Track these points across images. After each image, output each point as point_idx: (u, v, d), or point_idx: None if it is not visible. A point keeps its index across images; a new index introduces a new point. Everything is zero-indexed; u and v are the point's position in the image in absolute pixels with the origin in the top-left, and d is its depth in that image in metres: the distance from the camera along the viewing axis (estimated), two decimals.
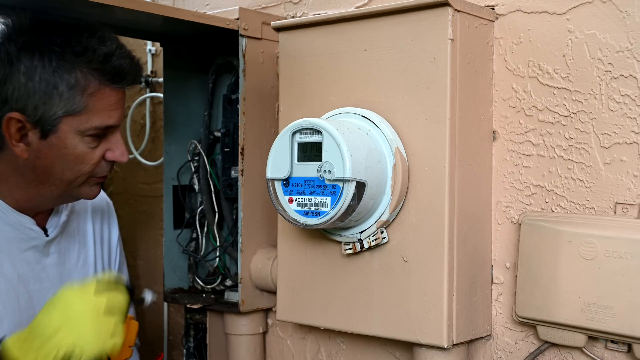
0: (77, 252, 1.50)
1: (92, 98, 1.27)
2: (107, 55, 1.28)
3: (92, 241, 1.54)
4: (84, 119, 1.28)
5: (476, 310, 1.31)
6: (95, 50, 1.27)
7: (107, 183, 2.24)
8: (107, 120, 1.30)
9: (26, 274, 1.38)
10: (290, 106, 1.43)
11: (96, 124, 1.29)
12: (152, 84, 2.06)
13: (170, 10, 1.42)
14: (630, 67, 1.20)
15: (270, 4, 1.71)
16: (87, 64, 1.27)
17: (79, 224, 1.52)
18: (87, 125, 1.28)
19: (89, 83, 1.27)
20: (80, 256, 1.50)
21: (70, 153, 1.29)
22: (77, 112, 1.27)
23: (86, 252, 1.52)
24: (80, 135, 1.29)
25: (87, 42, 1.27)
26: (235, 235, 1.63)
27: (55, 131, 1.27)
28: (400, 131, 1.27)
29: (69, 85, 1.25)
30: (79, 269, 1.49)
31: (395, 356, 1.48)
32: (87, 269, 1.51)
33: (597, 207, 1.23)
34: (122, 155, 1.35)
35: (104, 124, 1.30)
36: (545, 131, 1.29)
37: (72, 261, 1.48)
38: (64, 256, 1.46)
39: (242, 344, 1.65)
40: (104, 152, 1.33)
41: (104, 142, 1.32)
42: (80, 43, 1.27)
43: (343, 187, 1.19)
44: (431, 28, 1.23)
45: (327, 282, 1.37)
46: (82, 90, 1.26)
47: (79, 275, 1.48)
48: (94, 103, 1.28)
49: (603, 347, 1.23)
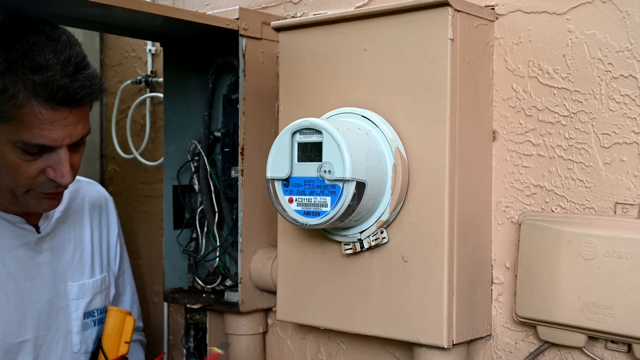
0: (72, 249, 1.50)
1: (22, 110, 1.18)
2: (41, 68, 1.16)
3: (90, 238, 1.54)
4: (13, 130, 1.19)
5: (476, 310, 1.31)
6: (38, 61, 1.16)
7: (107, 183, 2.24)
8: (39, 138, 1.20)
9: (16, 271, 1.38)
10: (290, 106, 1.43)
11: (25, 139, 1.19)
12: (152, 84, 2.06)
13: (170, 10, 1.42)
14: (630, 67, 1.20)
15: (270, 4, 1.71)
16: (23, 74, 1.16)
17: (74, 221, 1.52)
18: (16, 137, 1.19)
19: (18, 93, 1.16)
20: (75, 253, 1.50)
21: (1, 160, 1.23)
22: (5, 120, 1.18)
23: (82, 249, 1.52)
24: (11, 145, 1.21)
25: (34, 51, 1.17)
26: (235, 235, 1.63)
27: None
28: (400, 131, 1.27)
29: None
30: (74, 266, 1.49)
31: (395, 356, 1.48)
32: (83, 265, 1.51)
33: (597, 207, 1.23)
34: (62, 177, 1.24)
35: (33, 141, 1.20)
36: (545, 131, 1.29)
37: (67, 259, 1.48)
38: (58, 253, 1.46)
39: (242, 344, 1.65)
40: (44, 167, 1.24)
41: (43, 158, 1.23)
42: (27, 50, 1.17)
43: (343, 187, 1.19)
44: (431, 28, 1.23)
45: (327, 282, 1.37)
46: (10, 98, 1.16)
47: (74, 272, 1.48)
48: (24, 117, 1.18)
49: (603, 347, 1.23)
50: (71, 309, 1.47)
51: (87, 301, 1.49)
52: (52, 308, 1.44)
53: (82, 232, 1.53)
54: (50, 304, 1.43)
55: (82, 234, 1.53)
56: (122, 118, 2.15)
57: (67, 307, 1.46)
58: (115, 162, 2.22)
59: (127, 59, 2.16)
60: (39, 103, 1.18)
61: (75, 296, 1.47)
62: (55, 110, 1.19)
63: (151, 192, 2.10)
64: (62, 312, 1.46)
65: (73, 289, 1.47)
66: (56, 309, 1.44)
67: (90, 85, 1.22)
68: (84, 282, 1.50)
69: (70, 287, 1.47)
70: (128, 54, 2.16)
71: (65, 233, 1.49)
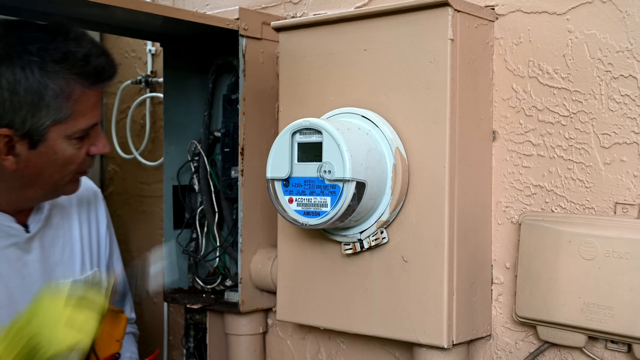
0: (61, 246, 1.49)
1: (78, 103, 1.27)
2: (86, 58, 1.27)
3: (79, 233, 1.53)
4: (72, 124, 1.28)
5: (476, 310, 1.31)
6: (75, 55, 1.26)
7: (107, 183, 2.24)
8: (92, 120, 1.31)
9: (6, 271, 1.37)
10: (290, 106, 1.43)
11: (83, 126, 1.29)
12: (152, 84, 2.06)
13: (170, 10, 1.42)
14: (630, 67, 1.20)
15: (270, 4, 1.71)
16: (69, 70, 1.25)
17: (62, 217, 1.51)
18: (75, 129, 1.28)
19: (74, 89, 1.26)
20: (65, 250, 1.49)
21: (60, 157, 1.30)
22: (64, 119, 1.27)
23: (72, 245, 1.51)
24: (67, 140, 1.29)
25: (64, 47, 1.25)
26: (235, 235, 1.63)
27: (44, 140, 1.27)
28: (400, 131, 1.27)
29: (54, 94, 1.24)
30: (64, 263, 1.48)
31: (395, 356, 1.48)
32: (74, 262, 1.51)
33: (597, 207, 1.23)
34: (105, 147, 1.36)
35: (89, 124, 1.31)
36: (545, 131, 1.29)
37: (57, 256, 1.47)
38: (48, 251, 1.45)
39: (242, 344, 1.65)
40: (88, 148, 1.34)
41: (86, 140, 1.33)
42: (58, 49, 1.25)
43: (343, 187, 1.19)
44: (431, 28, 1.23)
45: (327, 282, 1.37)
46: (67, 97, 1.25)
47: (64, 269, 1.48)
48: (79, 107, 1.28)
49: (603, 347, 1.23)
50: None
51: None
52: None
53: (71, 228, 1.52)
54: None
55: (71, 230, 1.52)
56: (122, 118, 2.15)
57: None
58: (115, 162, 2.22)
59: (127, 59, 2.16)
60: (89, 89, 1.28)
61: None
62: (98, 90, 1.32)
63: (151, 192, 2.10)
64: None
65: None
66: None
67: (112, 57, 1.33)
68: (74, 278, 1.49)
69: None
70: (128, 54, 2.16)
71: (54, 230, 1.48)
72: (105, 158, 2.26)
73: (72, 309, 1.20)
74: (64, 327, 1.19)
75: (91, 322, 1.22)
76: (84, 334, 1.21)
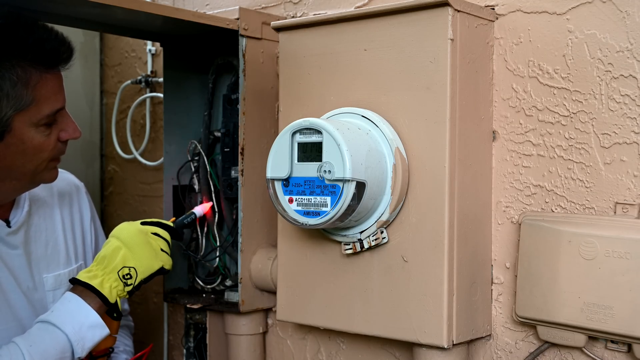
0: (44, 240, 1.49)
1: (37, 88, 1.28)
2: (37, 43, 1.27)
3: (61, 227, 1.53)
4: (35, 111, 1.28)
5: (476, 310, 1.31)
6: (25, 41, 1.26)
7: (107, 183, 2.24)
8: (55, 104, 1.31)
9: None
10: (290, 106, 1.43)
11: (47, 112, 1.30)
12: (152, 84, 2.06)
13: (170, 10, 1.42)
14: (630, 67, 1.20)
15: (270, 4, 1.71)
16: (22, 58, 1.26)
17: (45, 212, 1.51)
18: (40, 115, 1.29)
19: (31, 75, 1.27)
20: (49, 244, 1.49)
21: (29, 147, 1.30)
22: (26, 106, 1.27)
23: (55, 240, 1.51)
24: (34, 127, 1.29)
25: (15, 35, 1.26)
26: (235, 235, 1.63)
27: (10, 130, 1.27)
28: (400, 131, 1.27)
29: (12, 83, 1.24)
30: (48, 257, 1.48)
31: (395, 356, 1.48)
32: (58, 256, 1.50)
33: (597, 207, 1.23)
34: (75, 132, 1.37)
35: (53, 109, 1.31)
36: (545, 131, 1.29)
37: (40, 250, 1.47)
38: (30, 246, 1.45)
39: (242, 344, 1.65)
40: (58, 134, 1.34)
41: (54, 126, 1.33)
42: (7, 38, 1.25)
43: (343, 187, 1.19)
44: (431, 28, 1.23)
45: (327, 282, 1.37)
46: (25, 84, 1.26)
47: (48, 263, 1.48)
48: (40, 93, 1.28)
49: (603, 347, 1.23)
50: (47, 300, 1.45)
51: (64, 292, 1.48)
52: (28, 300, 1.42)
53: (53, 222, 1.52)
54: (26, 296, 1.42)
55: (54, 224, 1.52)
56: (122, 118, 2.16)
57: (44, 299, 1.45)
58: (115, 162, 2.22)
59: (127, 59, 2.17)
60: (47, 73, 1.29)
61: (51, 287, 1.46)
62: (55, 74, 1.32)
63: (151, 192, 2.10)
64: (38, 304, 1.44)
65: (49, 281, 1.46)
66: (32, 302, 1.43)
67: (68, 41, 1.33)
68: (59, 272, 1.49)
69: (46, 278, 1.46)
70: (128, 54, 2.17)
71: (36, 225, 1.48)
72: (105, 158, 2.26)
73: (152, 239, 1.43)
74: (149, 254, 1.41)
75: (165, 248, 1.45)
76: (163, 261, 1.43)
